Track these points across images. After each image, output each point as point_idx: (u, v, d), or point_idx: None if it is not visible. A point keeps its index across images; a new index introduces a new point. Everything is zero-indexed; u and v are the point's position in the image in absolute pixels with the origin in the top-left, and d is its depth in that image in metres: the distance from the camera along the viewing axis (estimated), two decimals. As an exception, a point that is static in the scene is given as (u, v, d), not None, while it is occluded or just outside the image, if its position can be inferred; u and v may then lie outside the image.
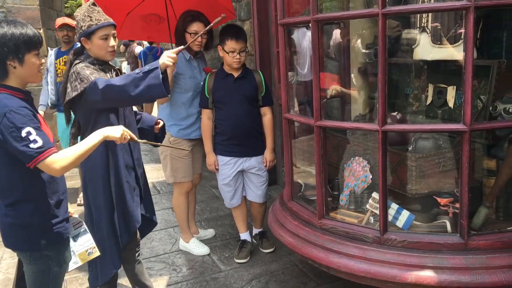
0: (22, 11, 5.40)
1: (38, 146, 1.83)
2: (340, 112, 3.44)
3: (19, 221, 1.99)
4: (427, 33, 2.60)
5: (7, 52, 1.87)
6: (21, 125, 1.82)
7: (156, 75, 2.27)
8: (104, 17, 2.46)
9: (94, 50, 2.47)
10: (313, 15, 2.31)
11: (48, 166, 1.87)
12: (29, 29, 1.94)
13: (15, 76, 1.93)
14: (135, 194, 2.60)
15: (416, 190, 2.43)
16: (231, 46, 3.19)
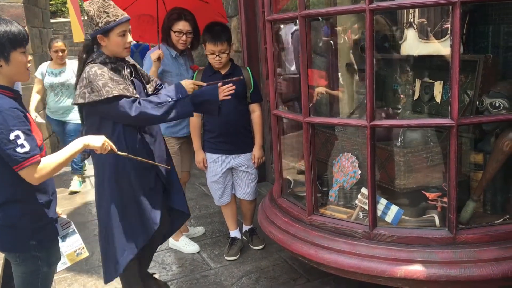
0: (6, 9, 5.33)
1: (25, 151, 1.81)
2: (329, 108, 3.45)
3: (8, 222, 1.97)
4: (414, 29, 2.60)
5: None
6: (10, 128, 1.79)
7: (187, 104, 2.45)
8: (120, 12, 2.37)
9: (111, 47, 2.38)
10: (301, 11, 2.31)
11: (28, 175, 1.85)
12: (14, 26, 1.88)
13: (2, 75, 1.90)
14: (154, 193, 2.52)
15: (404, 185, 2.45)
16: (210, 48, 3.18)
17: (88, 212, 4.59)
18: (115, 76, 2.36)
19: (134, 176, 2.44)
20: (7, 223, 1.97)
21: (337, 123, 2.75)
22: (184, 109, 2.44)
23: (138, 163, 2.37)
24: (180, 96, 2.43)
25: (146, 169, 2.47)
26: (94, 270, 3.42)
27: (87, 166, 5.67)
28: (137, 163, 2.37)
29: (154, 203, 2.51)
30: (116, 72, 2.41)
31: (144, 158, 2.39)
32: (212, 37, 3.15)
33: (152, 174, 2.52)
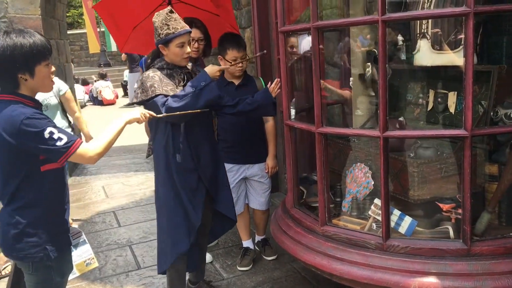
0: (24, 21, 5.43)
1: (65, 142, 1.88)
2: (342, 118, 3.45)
3: (23, 229, 1.98)
4: (427, 39, 2.60)
5: (18, 67, 1.87)
6: (41, 128, 1.85)
7: (212, 89, 2.57)
8: (180, 25, 2.57)
9: (171, 56, 2.63)
10: (313, 22, 2.32)
11: (82, 156, 1.94)
12: (37, 38, 1.91)
13: (26, 87, 1.94)
14: (196, 194, 2.71)
15: (418, 196, 2.43)
16: (233, 55, 3.20)
17: (101, 222, 4.63)
18: (166, 79, 2.62)
19: (177, 176, 2.66)
20: (23, 231, 1.98)
21: (350, 134, 2.75)
22: (211, 94, 2.56)
23: (181, 166, 2.64)
24: (203, 83, 2.54)
25: (188, 171, 2.68)
26: (108, 280, 3.44)
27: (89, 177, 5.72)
28: (180, 166, 2.64)
29: (195, 204, 2.71)
30: (169, 77, 2.65)
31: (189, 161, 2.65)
32: (236, 44, 3.24)
33: (194, 176, 2.70)
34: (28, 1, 5.43)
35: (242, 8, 5.24)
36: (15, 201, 1.97)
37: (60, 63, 6.25)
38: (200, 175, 2.72)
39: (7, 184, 1.96)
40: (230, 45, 3.22)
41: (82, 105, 12.16)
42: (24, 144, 1.87)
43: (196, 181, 2.71)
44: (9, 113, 1.87)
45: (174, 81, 2.65)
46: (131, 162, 6.88)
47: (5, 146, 1.89)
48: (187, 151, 2.66)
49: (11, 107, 1.88)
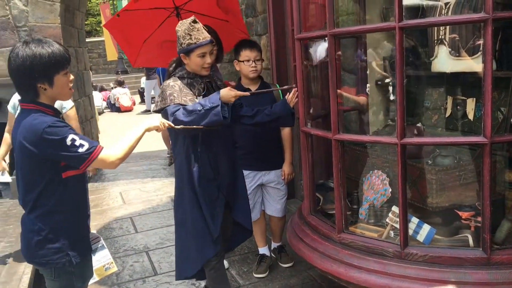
0: (44, 30, 5.54)
1: (87, 148, 1.91)
2: (358, 124, 3.43)
3: (45, 235, 2.00)
4: (445, 45, 2.58)
5: (37, 77, 1.90)
6: (63, 135, 1.88)
7: (217, 113, 2.47)
8: (203, 36, 2.58)
9: (192, 65, 2.65)
10: (330, 29, 2.32)
11: (104, 161, 1.97)
12: (56, 47, 1.93)
13: (45, 96, 1.97)
14: (217, 206, 2.70)
15: (436, 204, 2.40)
16: (246, 55, 3.24)
17: (119, 227, 4.67)
18: (185, 89, 2.65)
19: (198, 186, 2.65)
20: (45, 238, 2.00)
21: (367, 141, 2.73)
22: (215, 117, 2.47)
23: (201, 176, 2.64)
24: (209, 106, 2.49)
25: (207, 181, 2.67)
26: (125, 285, 3.46)
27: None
28: (200, 176, 2.63)
29: (215, 214, 2.69)
30: (190, 86, 2.68)
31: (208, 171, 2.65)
32: (249, 44, 3.30)
33: (214, 186, 2.70)
34: (48, 10, 5.54)
35: (258, 15, 5.26)
36: (37, 208, 1.99)
37: (78, 70, 6.35)
38: (219, 185, 2.72)
39: (29, 192, 1.99)
40: (243, 46, 3.28)
41: (100, 112, 12.31)
42: (45, 152, 1.89)
43: (216, 191, 2.70)
44: (30, 121, 1.90)
45: (194, 91, 2.67)
46: (147, 169, 6.93)
47: (27, 154, 1.92)
48: (206, 161, 2.66)
49: (32, 116, 1.91)
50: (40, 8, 5.53)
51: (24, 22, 5.57)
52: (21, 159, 1.98)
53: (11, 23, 5.54)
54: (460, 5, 2.48)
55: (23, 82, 1.92)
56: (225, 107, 2.53)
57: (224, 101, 2.51)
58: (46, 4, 5.53)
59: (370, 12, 3.16)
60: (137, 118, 12.25)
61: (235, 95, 2.56)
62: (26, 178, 1.99)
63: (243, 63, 3.26)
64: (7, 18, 5.52)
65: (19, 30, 5.57)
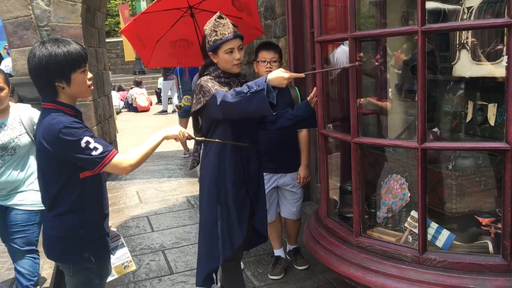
0: (66, 30, 5.62)
1: (100, 151, 1.92)
2: (377, 128, 3.42)
3: (64, 233, 2.04)
4: (467, 50, 2.56)
5: (54, 75, 1.92)
6: (78, 137, 1.90)
7: (262, 98, 2.20)
8: (229, 30, 2.46)
9: (221, 63, 2.52)
10: (351, 33, 2.32)
11: (117, 166, 1.97)
12: (72, 46, 1.95)
13: (65, 95, 1.99)
14: (244, 210, 2.62)
15: (456, 209, 2.38)
16: (262, 56, 3.26)
17: (135, 226, 4.71)
18: (225, 88, 2.50)
19: (231, 187, 2.55)
20: (64, 235, 2.04)
21: (387, 144, 2.72)
22: (259, 104, 2.22)
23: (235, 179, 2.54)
24: (255, 88, 2.22)
25: (239, 184, 2.57)
26: (141, 284, 3.49)
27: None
28: (234, 177, 2.54)
29: (241, 220, 2.60)
30: (227, 86, 2.54)
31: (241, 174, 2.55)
32: (266, 45, 3.30)
33: (243, 189, 2.60)
34: (69, 10, 5.62)
35: (277, 17, 5.28)
36: (56, 206, 2.02)
37: (98, 70, 6.42)
38: (248, 189, 2.63)
39: (48, 190, 2.02)
40: (261, 47, 3.30)
41: (117, 111, 12.42)
42: (61, 153, 1.92)
43: (244, 195, 2.62)
44: (48, 121, 1.92)
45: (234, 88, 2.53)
46: (164, 168, 6.98)
47: (44, 154, 1.96)
48: (239, 162, 2.57)
49: (51, 116, 1.93)
50: (62, 8, 5.61)
51: (46, 22, 5.66)
52: (41, 158, 2.01)
53: (33, 23, 5.64)
54: (483, 9, 2.46)
55: (41, 81, 1.95)
56: (273, 93, 2.24)
57: (274, 84, 2.22)
58: (68, 4, 5.61)
59: (390, 16, 3.15)
60: (154, 118, 12.35)
61: (289, 76, 2.23)
62: (45, 177, 2.02)
63: (259, 64, 3.28)
64: (30, 18, 5.61)
65: (41, 29, 5.66)
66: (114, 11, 22.20)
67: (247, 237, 2.87)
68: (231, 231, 2.58)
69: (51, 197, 2.02)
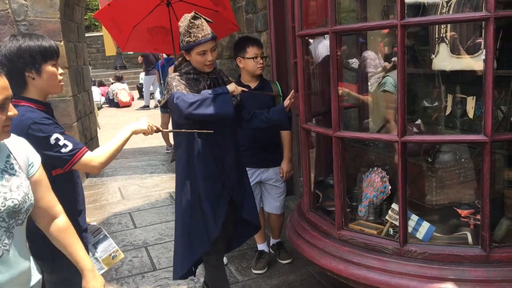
0: (44, 24, 5.52)
1: (70, 149, 1.90)
2: (358, 122, 3.44)
3: (40, 230, 2.01)
4: (446, 43, 2.58)
5: (24, 63, 1.89)
6: (47, 134, 1.87)
7: (227, 99, 2.49)
8: (202, 33, 2.52)
9: (193, 63, 2.62)
10: (331, 27, 2.32)
11: (86, 165, 1.94)
12: (45, 41, 1.95)
13: (34, 87, 1.95)
14: (221, 204, 2.66)
15: (436, 201, 2.41)
16: (254, 52, 3.21)
17: (117, 223, 4.67)
18: (190, 86, 2.60)
19: (202, 182, 2.62)
20: (40, 231, 2.01)
21: (367, 138, 2.74)
22: (225, 105, 2.48)
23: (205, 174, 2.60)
24: (221, 91, 2.50)
25: (212, 179, 2.63)
26: (124, 280, 3.47)
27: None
28: (204, 174, 2.60)
29: (217, 214, 2.65)
30: (196, 82, 2.63)
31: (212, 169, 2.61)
32: (255, 41, 3.29)
33: (219, 184, 2.66)
34: (47, 4, 5.52)
35: (259, 11, 5.26)
36: None
37: (78, 65, 6.33)
38: (224, 183, 2.68)
39: None
40: (249, 43, 3.24)
41: (98, 107, 12.28)
42: None
43: (220, 189, 2.67)
44: (18, 117, 1.88)
45: (200, 87, 2.63)
46: (146, 164, 6.93)
47: None
48: (211, 159, 2.62)
49: (20, 112, 1.87)
50: (40, 3, 5.51)
51: (23, 16, 5.54)
52: None
53: (10, 17, 5.52)
54: (461, 3, 2.49)
55: (11, 71, 1.90)
56: (232, 97, 2.55)
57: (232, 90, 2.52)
58: (45, -2, 5.51)
59: (370, 10, 3.16)
60: (136, 113, 12.24)
61: (241, 90, 2.62)
62: None
63: (250, 60, 3.23)
64: (7, 12, 5.50)
65: (19, 24, 5.55)
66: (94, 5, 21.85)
67: (236, 232, 2.88)
68: (206, 225, 2.63)
69: None
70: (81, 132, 6.15)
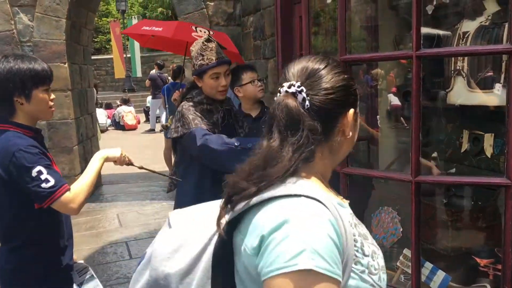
0: (49, 45, 5.46)
1: (51, 185, 1.73)
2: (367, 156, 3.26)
3: (21, 267, 1.86)
4: (462, 77, 2.43)
5: (13, 88, 1.78)
6: (31, 165, 1.72)
7: None
8: (216, 56, 2.37)
9: (205, 88, 2.42)
10: (341, 56, 2.18)
11: (65, 206, 1.77)
12: (38, 64, 1.84)
13: (23, 112, 1.83)
14: None
15: (452, 248, 2.22)
16: (250, 76, 3.05)
17: (113, 253, 4.47)
18: (205, 118, 2.39)
19: None
20: (20, 268, 1.86)
21: (378, 176, 2.56)
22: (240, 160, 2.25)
23: None
24: (250, 145, 2.15)
25: None
26: (114, 317, 3.26)
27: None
28: None
29: None
30: (209, 113, 2.43)
31: None
32: (248, 66, 3.21)
33: None
34: (53, 26, 5.47)
35: (266, 38, 5.16)
36: (11, 239, 1.85)
37: (82, 87, 6.25)
38: None
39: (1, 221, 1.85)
40: (243, 69, 3.09)
41: (103, 130, 12.21)
42: (12, 178, 1.73)
43: None
44: (3, 143, 1.76)
45: (212, 119, 2.44)
46: (147, 190, 6.75)
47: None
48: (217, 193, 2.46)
49: (7, 137, 1.77)
50: (45, 24, 5.46)
51: (28, 37, 5.50)
52: None
53: (15, 38, 5.47)
54: (479, 35, 2.35)
55: None
56: None
57: None
58: (52, 20, 5.46)
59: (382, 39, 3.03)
60: (141, 136, 12.14)
61: None
62: None
63: (248, 85, 3.09)
64: (12, 33, 5.45)
65: (23, 45, 5.49)
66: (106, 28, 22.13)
67: None
68: None
69: (4, 228, 1.84)
70: (82, 155, 6.01)
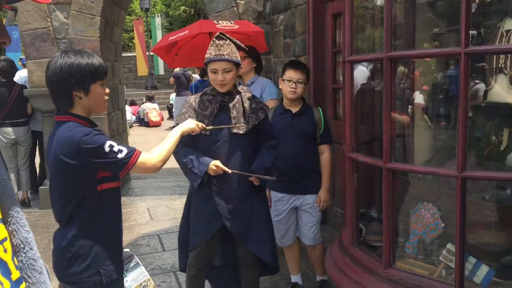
0: (83, 42, 5.58)
1: (126, 153, 1.89)
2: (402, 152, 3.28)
3: (76, 253, 1.94)
4: (504, 74, 2.44)
5: (74, 83, 1.87)
6: (101, 142, 1.85)
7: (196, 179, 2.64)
8: (217, 52, 2.55)
9: (210, 80, 2.68)
10: (387, 53, 2.21)
11: (145, 164, 1.94)
12: (95, 59, 1.93)
13: (80, 106, 1.93)
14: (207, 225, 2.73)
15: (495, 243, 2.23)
16: (289, 75, 3.16)
17: (146, 245, 4.58)
18: (199, 108, 2.69)
19: (194, 201, 2.78)
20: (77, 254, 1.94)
21: (423, 171, 2.56)
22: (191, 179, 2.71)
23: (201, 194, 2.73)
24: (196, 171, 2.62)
25: (205, 200, 2.71)
26: (152, 306, 3.34)
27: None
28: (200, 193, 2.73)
29: (199, 232, 2.72)
30: (208, 103, 2.69)
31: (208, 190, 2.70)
32: (294, 64, 3.25)
33: (211, 206, 2.69)
34: (88, 23, 5.59)
35: (297, 36, 5.20)
36: (72, 223, 1.94)
37: (114, 84, 6.37)
38: (217, 207, 2.70)
39: (64, 206, 1.94)
40: (289, 66, 3.22)
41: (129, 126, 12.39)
42: (83, 162, 1.84)
43: (210, 212, 2.71)
44: (65, 133, 1.86)
45: (207, 110, 2.67)
46: (176, 185, 6.86)
47: (62, 168, 1.88)
48: (211, 180, 2.68)
49: (67, 127, 1.87)
50: (80, 21, 5.59)
51: (64, 34, 5.63)
52: (57, 173, 1.93)
53: (51, 35, 5.61)
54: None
55: (59, 88, 1.89)
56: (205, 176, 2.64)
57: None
58: (86, 17, 5.59)
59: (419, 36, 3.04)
60: (165, 133, 12.28)
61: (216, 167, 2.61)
62: (61, 193, 1.94)
63: (284, 82, 3.17)
64: (48, 30, 5.59)
65: (59, 42, 5.63)
66: (129, 26, 22.38)
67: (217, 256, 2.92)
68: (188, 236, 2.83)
69: (67, 213, 1.93)
70: (113, 150, 6.14)
